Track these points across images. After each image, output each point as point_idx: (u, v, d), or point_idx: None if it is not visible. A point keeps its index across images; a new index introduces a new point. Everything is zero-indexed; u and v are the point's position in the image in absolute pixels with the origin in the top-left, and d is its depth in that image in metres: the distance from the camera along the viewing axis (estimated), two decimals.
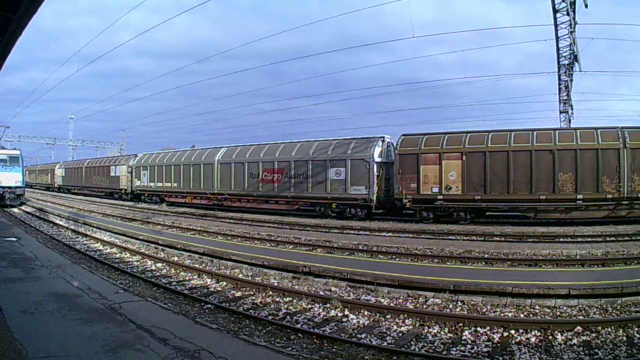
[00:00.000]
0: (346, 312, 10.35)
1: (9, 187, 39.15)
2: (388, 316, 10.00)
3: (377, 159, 27.94)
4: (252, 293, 12.22)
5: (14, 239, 17.96)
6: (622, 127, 22.70)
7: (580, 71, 28.87)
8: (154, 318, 8.16)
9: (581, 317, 9.66)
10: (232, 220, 29.52)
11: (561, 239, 19.16)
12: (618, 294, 10.70)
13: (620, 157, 21.92)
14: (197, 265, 15.81)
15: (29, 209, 37.86)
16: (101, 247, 19.66)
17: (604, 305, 10.18)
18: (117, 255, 17.96)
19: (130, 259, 17.19)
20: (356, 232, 23.27)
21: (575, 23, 25.64)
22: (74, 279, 11.13)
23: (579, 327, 8.72)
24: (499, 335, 8.74)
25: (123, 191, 50.10)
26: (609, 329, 8.67)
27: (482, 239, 20.19)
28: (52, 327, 7.36)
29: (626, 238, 18.75)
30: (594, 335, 8.49)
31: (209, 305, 10.86)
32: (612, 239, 18.82)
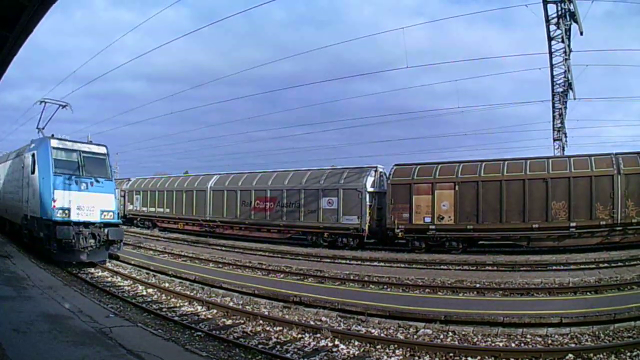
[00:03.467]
0: (336, 342, 10.25)
1: (91, 225, 18.95)
2: (378, 346, 9.93)
3: (370, 189, 27.99)
4: (242, 321, 12.09)
5: (6, 257, 17.79)
6: (616, 154, 22.90)
7: (575, 99, 29.03)
8: (144, 343, 8.10)
9: (573, 345, 9.60)
10: (223, 248, 29.28)
11: (554, 267, 19.05)
12: (610, 321, 10.66)
13: (614, 183, 22.03)
14: (188, 292, 15.67)
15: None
16: (92, 270, 19.45)
17: (596, 332, 10.14)
18: (109, 279, 17.86)
19: (122, 284, 17.08)
20: (348, 261, 23.08)
21: (570, 50, 25.78)
22: (65, 301, 11.04)
23: (570, 355, 8.65)
24: None
25: None
26: (601, 356, 8.62)
27: (474, 268, 20.09)
28: (43, 348, 7.32)
29: (619, 264, 18.74)
30: None
31: (200, 333, 10.73)
32: (606, 265, 18.82)
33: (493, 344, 9.97)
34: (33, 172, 19.54)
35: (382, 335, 10.88)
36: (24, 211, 20.40)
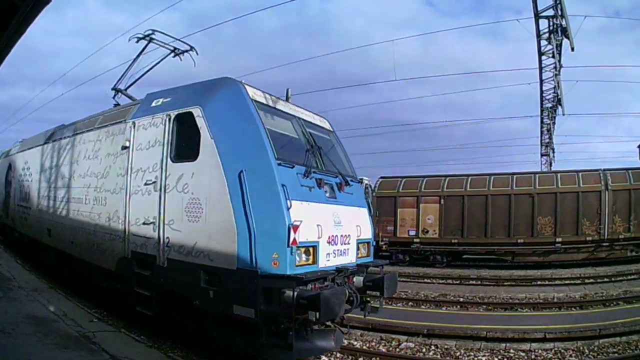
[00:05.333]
0: None
1: (337, 272, 8.04)
2: (360, 359, 9.75)
3: None
4: None
5: None
6: (604, 170, 23.06)
7: (564, 114, 29.09)
8: (127, 349, 8.01)
9: None
10: None
11: (538, 282, 18.95)
12: (595, 336, 10.53)
13: (602, 199, 22.11)
14: None
15: None
16: None
17: (581, 348, 9.99)
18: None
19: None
20: None
21: (561, 66, 25.82)
22: (50, 304, 10.79)
23: None
24: None
25: None
26: None
27: (457, 282, 19.93)
28: (28, 349, 7.29)
29: (605, 279, 18.68)
30: None
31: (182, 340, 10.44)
32: (591, 280, 18.76)
33: (476, 359, 9.82)
34: (183, 157, 8.63)
35: (364, 347, 10.66)
36: (133, 246, 9.56)
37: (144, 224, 9.09)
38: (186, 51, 12.55)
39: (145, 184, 9.18)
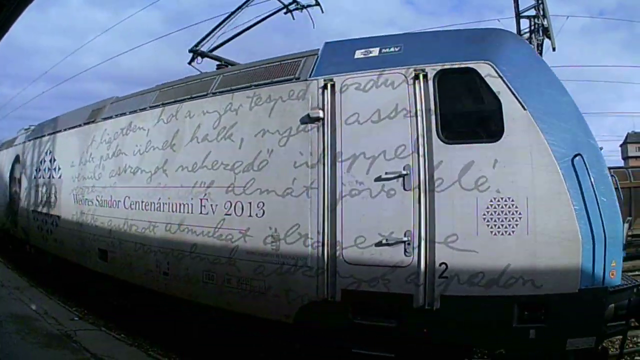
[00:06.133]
0: None
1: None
2: None
3: None
4: None
5: None
6: None
7: None
8: (107, 348, 7.98)
9: None
10: None
11: None
12: None
13: None
14: None
15: None
16: None
17: None
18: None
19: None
20: None
21: None
22: (32, 302, 10.77)
23: None
24: None
25: None
26: None
27: None
28: (12, 348, 7.34)
29: None
30: None
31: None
32: None
33: None
34: (470, 136, 5.89)
35: None
36: (347, 283, 5.95)
37: (379, 244, 5.84)
38: (309, 6, 9.82)
39: (379, 180, 5.93)
